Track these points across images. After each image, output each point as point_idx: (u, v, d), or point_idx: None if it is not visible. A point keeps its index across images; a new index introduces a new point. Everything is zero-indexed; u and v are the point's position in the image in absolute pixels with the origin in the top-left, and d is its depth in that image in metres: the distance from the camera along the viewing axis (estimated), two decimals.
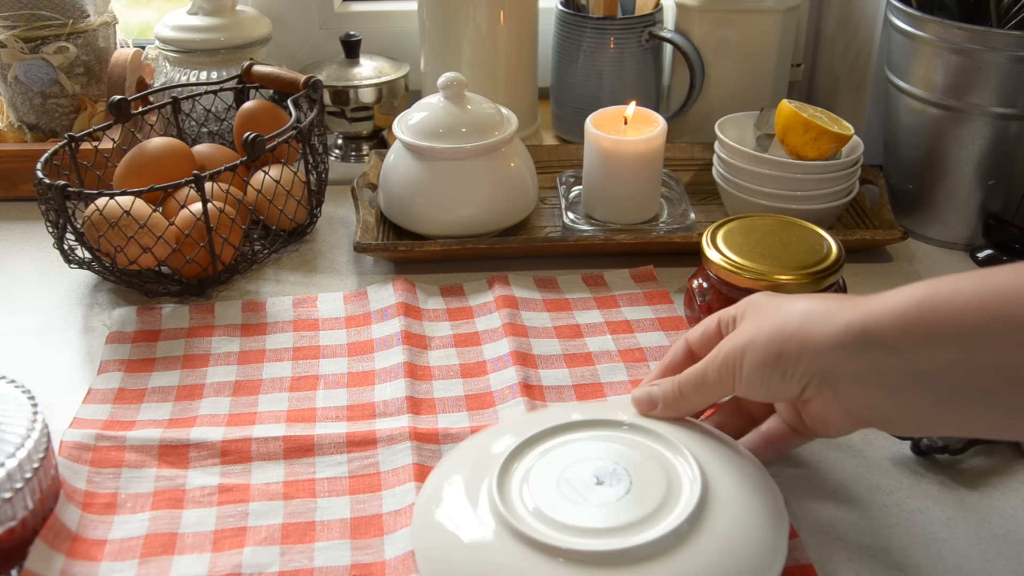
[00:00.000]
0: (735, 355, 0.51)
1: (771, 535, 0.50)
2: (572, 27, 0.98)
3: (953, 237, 0.84)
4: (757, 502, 0.51)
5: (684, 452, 0.53)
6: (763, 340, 0.50)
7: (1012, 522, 0.55)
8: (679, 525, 0.48)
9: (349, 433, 0.61)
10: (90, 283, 0.79)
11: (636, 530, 0.48)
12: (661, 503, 0.50)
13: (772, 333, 0.49)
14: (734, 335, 0.52)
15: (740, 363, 0.51)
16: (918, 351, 0.45)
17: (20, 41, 0.92)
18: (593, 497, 0.51)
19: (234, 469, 0.58)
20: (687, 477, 0.51)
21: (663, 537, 0.48)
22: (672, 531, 0.48)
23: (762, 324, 0.50)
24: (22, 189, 0.92)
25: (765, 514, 0.50)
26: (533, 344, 0.70)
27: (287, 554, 0.52)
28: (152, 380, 0.67)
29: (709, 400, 0.55)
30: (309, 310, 0.75)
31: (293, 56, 1.10)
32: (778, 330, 0.49)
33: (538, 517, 0.50)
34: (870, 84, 0.93)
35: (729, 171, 0.84)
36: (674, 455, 0.53)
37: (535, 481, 0.52)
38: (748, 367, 0.50)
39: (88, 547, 0.53)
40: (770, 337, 0.49)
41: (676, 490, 0.51)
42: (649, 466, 0.52)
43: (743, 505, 0.50)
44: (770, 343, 0.49)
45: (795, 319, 0.49)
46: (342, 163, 1.01)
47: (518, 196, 0.84)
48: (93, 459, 0.58)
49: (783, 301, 0.52)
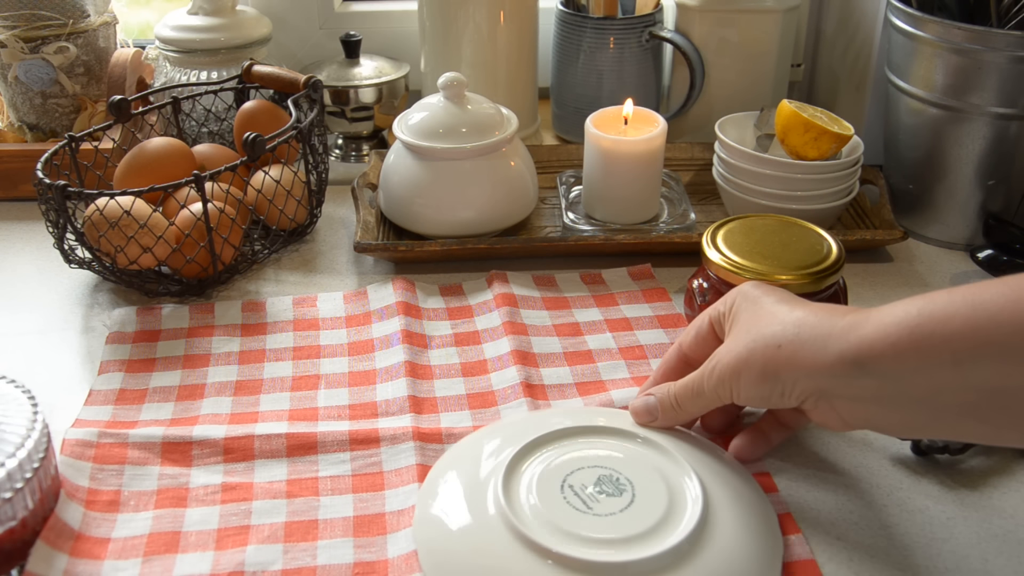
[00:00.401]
0: (730, 374, 0.52)
1: (766, 558, 0.51)
2: (572, 27, 0.98)
3: (953, 237, 0.84)
4: (755, 524, 0.52)
5: (688, 469, 0.54)
6: (758, 362, 0.51)
7: (1012, 522, 0.55)
8: (679, 543, 0.49)
9: (352, 431, 0.61)
10: (90, 283, 0.79)
11: (637, 543, 0.49)
12: (662, 518, 0.51)
13: (766, 355, 0.51)
14: (728, 347, 0.53)
15: (736, 381, 0.52)
16: (912, 377, 0.46)
17: (20, 41, 0.92)
18: (596, 506, 0.51)
19: (237, 467, 0.59)
20: (690, 495, 0.52)
21: (663, 553, 0.48)
22: (673, 548, 0.49)
23: (754, 343, 0.51)
24: (22, 189, 0.92)
25: (761, 537, 0.52)
26: (533, 342, 0.70)
27: (290, 552, 0.52)
28: (153, 380, 0.67)
29: (706, 409, 0.56)
30: (309, 310, 0.75)
31: (293, 56, 1.10)
32: (772, 354, 0.50)
33: (542, 522, 0.50)
34: (870, 84, 0.93)
35: (729, 171, 0.84)
36: (678, 471, 0.54)
37: (541, 485, 0.53)
38: (745, 385, 0.52)
39: (92, 545, 0.53)
40: (765, 360, 0.51)
41: (678, 507, 0.51)
42: (653, 480, 0.53)
43: (741, 526, 0.51)
44: (766, 366, 0.51)
45: (787, 342, 0.50)
46: (342, 163, 1.01)
47: (518, 196, 0.84)
48: (96, 455, 0.58)
49: (773, 311, 0.53)
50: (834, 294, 0.66)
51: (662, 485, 0.53)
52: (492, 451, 0.56)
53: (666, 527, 0.50)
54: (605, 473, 0.53)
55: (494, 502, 0.51)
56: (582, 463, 0.54)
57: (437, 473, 0.56)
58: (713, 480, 0.54)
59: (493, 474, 0.53)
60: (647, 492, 0.52)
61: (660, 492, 0.52)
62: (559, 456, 0.55)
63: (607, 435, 0.57)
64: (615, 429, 0.57)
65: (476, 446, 0.57)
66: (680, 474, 0.53)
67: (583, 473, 0.53)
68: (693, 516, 0.50)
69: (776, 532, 0.53)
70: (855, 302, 0.75)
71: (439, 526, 0.52)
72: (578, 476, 0.53)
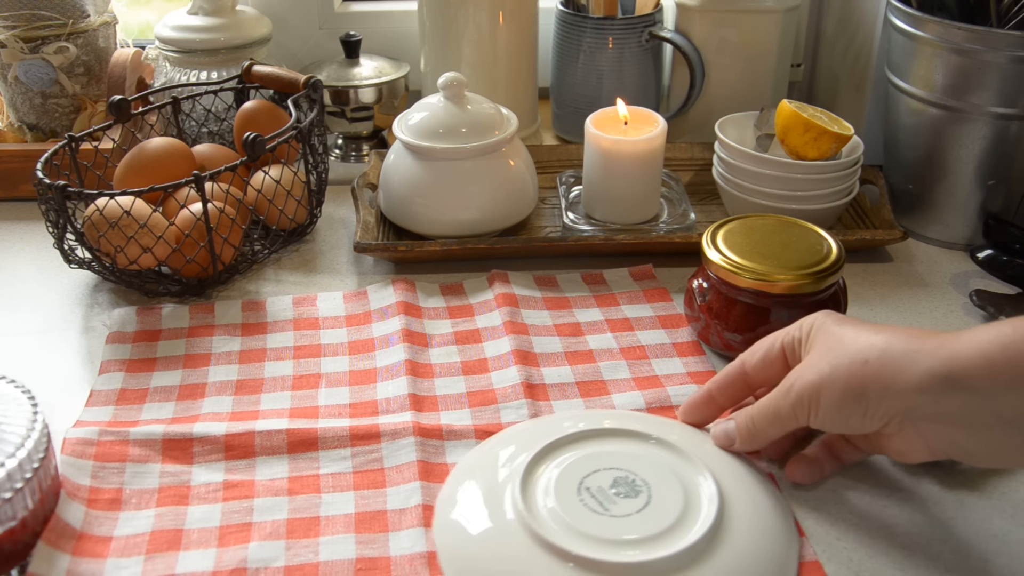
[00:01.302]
0: (810, 391, 0.51)
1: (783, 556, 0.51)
2: (572, 27, 0.98)
3: (953, 237, 0.84)
4: (771, 521, 0.52)
5: (702, 468, 0.54)
6: (842, 378, 0.50)
7: (1012, 522, 0.55)
8: (697, 541, 0.49)
9: (352, 427, 0.61)
10: (90, 283, 0.79)
11: (655, 543, 0.49)
12: (679, 518, 0.51)
13: (851, 371, 0.49)
14: (805, 368, 0.52)
15: (817, 399, 0.51)
16: (1005, 395, 0.45)
17: (20, 41, 0.92)
18: (613, 508, 0.51)
19: (238, 465, 0.59)
20: (705, 494, 0.52)
21: (681, 552, 0.49)
22: (690, 546, 0.49)
23: (838, 359, 0.50)
24: (22, 189, 0.92)
25: (778, 535, 0.52)
26: (534, 342, 0.70)
27: (292, 548, 0.53)
28: (154, 380, 0.67)
29: (783, 431, 0.55)
30: (309, 309, 0.75)
31: (293, 56, 1.10)
32: (858, 369, 0.49)
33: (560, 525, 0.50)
34: (870, 84, 0.93)
35: (729, 171, 0.84)
36: (693, 470, 0.54)
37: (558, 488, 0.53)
38: (826, 404, 0.51)
39: (94, 544, 0.53)
40: (849, 376, 0.49)
41: (694, 506, 0.52)
42: (668, 480, 0.53)
43: (758, 524, 0.52)
44: (851, 382, 0.49)
45: (874, 358, 0.49)
46: (342, 163, 1.01)
47: (518, 196, 0.84)
48: (97, 453, 0.59)
49: (856, 333, 0.51)
50: (834, 294, 0.66)
51: (677, 485, 0.53)
52: (508, 457, 0.56)
53: (683, 526, 0.50)
54: (621, 475, 0.54)
55: (512, 507, 0.52)
56: (598, 465, 0.54)
57: (454, 481, 0.57)
58: (728, 479, 0.54)
59: (510, 479, 0.54)
60: (663, 492, 0.52)
61: (676, 492, 0.52)
62: (574, 459, 0.55)
63: (621, 437, 0.57)
64: (629, 431, 0.57)
65: (491, 453, 0.58)
66: (695, 473, 0.54)
67: (599, 475, 0.54)
68: (709, 515, 0.51)
69: (792, 529, 0.53)
70: (855, 302, 0.75)
71: (459, 532, 0.53)
72: (594, 478, 0.53)
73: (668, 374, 0.67)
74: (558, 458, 0.55)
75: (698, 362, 0.69)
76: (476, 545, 0.51)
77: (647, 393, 0.65)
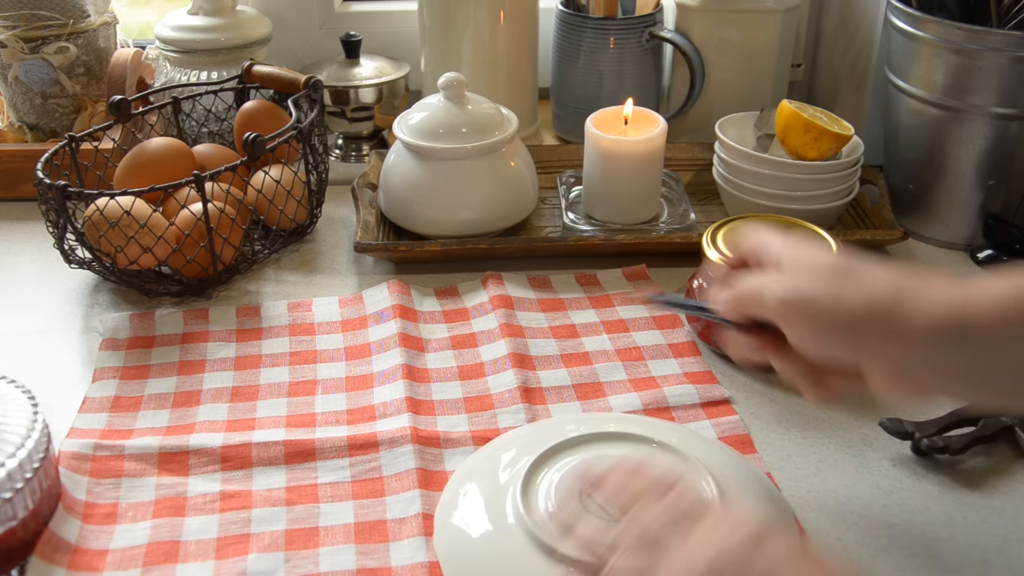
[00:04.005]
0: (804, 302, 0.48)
1: None
2: (572, 27, 0.98)
3: (953, 237, 0.84)
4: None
5: (703, 471, 0.54)
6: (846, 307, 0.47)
7: (1012, 522, 0.55)
8: None
9: (350, 436, 0.61)
10: (90, 283, 0.79)
11: None
12: None
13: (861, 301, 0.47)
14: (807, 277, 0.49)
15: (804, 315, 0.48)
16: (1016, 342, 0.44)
17: (20, 41, 0.92)
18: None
19: (235, 475, 0.58)
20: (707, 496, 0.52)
21: None
22: None
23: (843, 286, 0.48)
24: (22, 189, 0.92)
25: None
26: (530, 345, 0.70)
27: (292, 560, 0.52)
28: (148, 387, 0.66)
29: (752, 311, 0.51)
30: (304, 314, 0.74)
31: (293, 56, 1.09)
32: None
33: None
34: (870, 84, 0.93)
35: (729, 171, 0.84)
36: (693, 473, 0.54)
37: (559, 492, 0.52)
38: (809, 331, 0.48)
39: (90, 558, 0.52)
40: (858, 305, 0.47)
41: None
42: None
43: None
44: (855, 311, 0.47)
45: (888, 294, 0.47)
46: (342, 163, 1.01)
47: (518, 196, 0.84)
48: (92, 469, 0.58)
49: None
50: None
51: None
52: (509, 461, 0.56)
53: None
54: None
55: (513, 511, 0.52)
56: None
57: (455, 485, 0.56)
58: (728, 481, 0.54)
59: (511, 483, 0.54)
60: None
61: None
62: (576, 463, 0.55)
63: (622, 440, 0.57)
64: (629, 434, 0.57)
65: (493, 456, 0.58)
66: (695, 476, 0.54)
67: None
68: None
69: (793, 530, 0.53)
70: None
71: (460, 536, 0.52)
72: None
73: (664, 375, 0.67)
74: (560, 462, 0.55)
75: (694, 362, 0.68)
76: (476, 548, 0.51)
77: (644, 395, 0.65)
